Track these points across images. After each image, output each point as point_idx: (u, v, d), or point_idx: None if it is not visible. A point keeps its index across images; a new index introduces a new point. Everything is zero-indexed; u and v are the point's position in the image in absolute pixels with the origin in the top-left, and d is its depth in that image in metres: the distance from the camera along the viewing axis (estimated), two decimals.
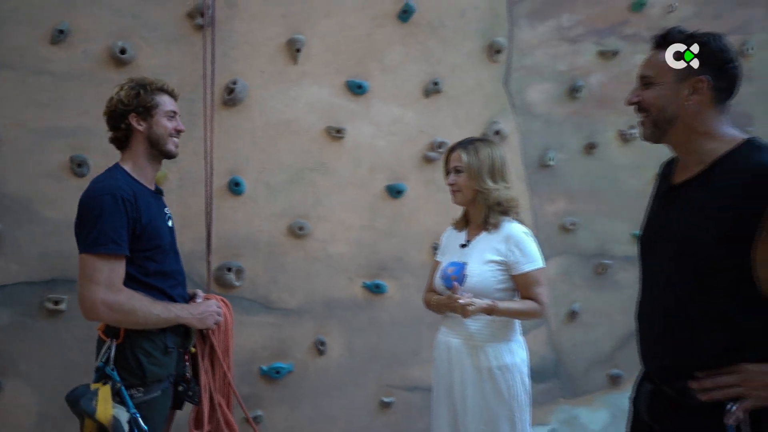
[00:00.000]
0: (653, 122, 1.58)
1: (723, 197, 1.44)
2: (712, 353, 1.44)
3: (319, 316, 3.07)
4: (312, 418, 3.04)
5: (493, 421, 2.17)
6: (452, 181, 2.30)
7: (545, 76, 3.39)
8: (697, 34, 1.55)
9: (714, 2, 3.65)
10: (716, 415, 1.40)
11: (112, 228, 1.94)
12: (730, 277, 1.42)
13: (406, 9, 3.11)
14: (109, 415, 1.91)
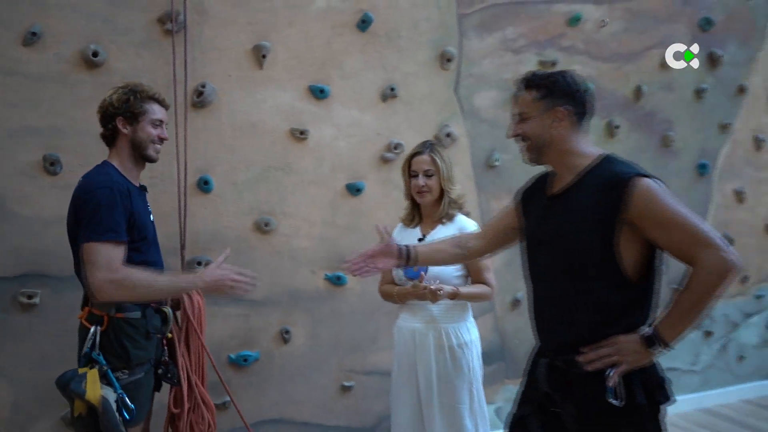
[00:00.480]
0: (533, 148, 1.90)
1: (590, 201, 1.78)
2: (590, 330, 1.77)
3: (284, 306, 3.25)
4: (278, 402, 3.23)
5: (455, 394, 2.44)
6: (423, 183, 2.52)
7: (491, 83, 3.67)
8: (551, 75, 1.88)
9: (640, 19, 4.02)
10: (599, 381, 1.72)
11: (111, 218, 2.09)
12: (599, 266, 1.75)
13: (364, 19, 3.32)
14: (98, 396, 2.07)
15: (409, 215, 2.66)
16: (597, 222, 1.73)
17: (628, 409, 1.71)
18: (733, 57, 4.29)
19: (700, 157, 4.25)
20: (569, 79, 1.87)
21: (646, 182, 1.71)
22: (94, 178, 2.21)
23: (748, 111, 4.38)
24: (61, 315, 2.87)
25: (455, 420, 2.44)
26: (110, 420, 2.07)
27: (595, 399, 1.73)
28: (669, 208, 1.69)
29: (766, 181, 4.47)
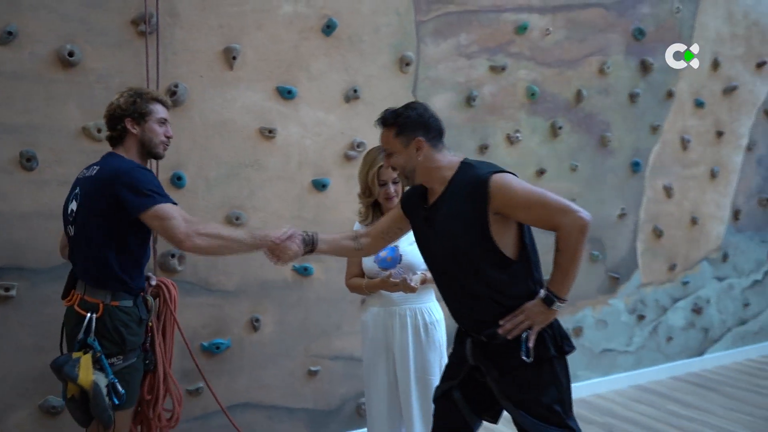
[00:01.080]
0: (405, 176, 2.20)
1: (460, 203, 2.07)
2: (492, 307, 2.08)
3: (253, 296, 3.41)
4: (249, 387, 3.39)
5: (427, 368, 2.69)
6: (393, 191, 2.73)
7: (446, 86, 3.92)
8: (401, 112, 2.17)
9: (580, 28, 4.36)
10: (515, 345, 2.04)
11: (156, 185, 2.27)
12: (483, 254, 2.05)
13: (329, 24, 3.52)
14: (89, 381, 2.20)
15: (369, 214, 2.83)
16: (471, 219, 2.03)
17: (542, 361, 2.05)
18: (663, 65, 4.69)
19: (633, 156, 4.63)
20: (418, 111, 2.16)
21: (500, 177, 2.03)
22: (121, 163, 2.33)
23: (675, 114, 4.79)
24: (37, 307, 2.96)
25: (427, 391, 2.69)
26: (99, 404, 2.20)
27: (514, 359, 2.05)
28: (525, 191, 2.03)
29: (691, 178, 4.91)
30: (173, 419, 2.58)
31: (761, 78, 5.19)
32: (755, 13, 5.15)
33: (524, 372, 2.05)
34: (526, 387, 2.06)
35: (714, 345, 5.06)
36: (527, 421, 2.06)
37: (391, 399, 2.78)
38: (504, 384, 2.09)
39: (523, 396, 2.06)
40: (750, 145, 5.17)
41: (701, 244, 4.97)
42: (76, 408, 2.27)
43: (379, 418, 2.80)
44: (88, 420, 2.29)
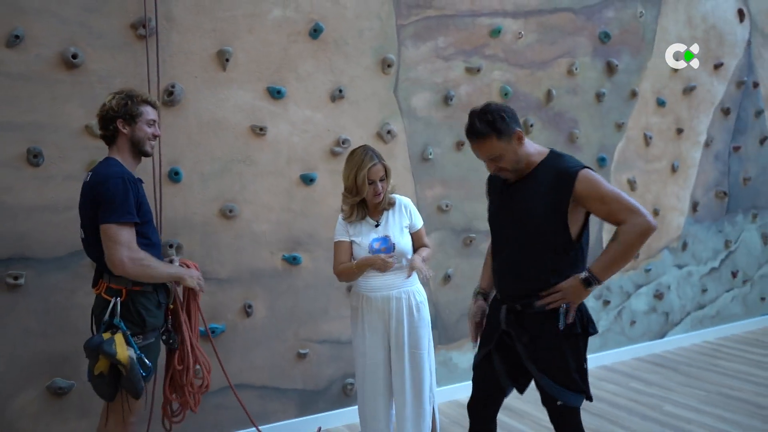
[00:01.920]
0: (514, 171, 2.39)
1: (544, 187, 2.34)
2: (539, 278, 2.36)
3: (246, 284, 3.63)
4: (242, 369, 3.61)
5: (418, 342, 2.97)
6: (380, 188, 2.96)
7: (425, 86, 4.17)
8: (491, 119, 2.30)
9: (550, 32, 4.64)
10: (546, 316, 2.33)
11: (127, 203, 2.44)
12: (554, 232, 2.33)
13: (316, 28, 3.74)
14: (126, 356, 2.41)
15: (353, 211, 3.02)
16: (553, 202, 2.30)
17: (569, 334, 2.33)
18: (627, 66, 5.01)
19: (599, 151, 4.94)
20: (500, 108, 2.33)
21: (587, 172, 2.30)
22: (107, 170, 2.51)
23: (638, 112, 5.11)
24: (44, 294, 3.15)
25: (417, 362, 2.97)
26: (134, 376, 2.43)
27: (544, 328, 2.34)
28: (605, 187, 2.28)
29: (653, 172, 5.24)
30: (203, 386, 2.82)
31: (718, 78, 5.54)
32: (713, 18, 5.49)
33: (553, 341, 2.33)
34: (552, 355, 2.34)
35: (674, 328, 5.41)
36: (549, 385, 2.35)
37: (386, 375, 3.03)
38: (533, 349, 2.37)
39: (548, 362, 2.35)
40: (708, 142, 5.52)
41: (662, 234, 5.31)
42: (104, 383, 2.47)
43: (374, 394, 3.02)
44: (114, 394, 2.50)
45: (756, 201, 5.89)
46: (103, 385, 2.46)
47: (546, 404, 2.42)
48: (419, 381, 2.97)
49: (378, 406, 3.02)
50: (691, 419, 3.87)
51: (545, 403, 2.41)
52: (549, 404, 2.40)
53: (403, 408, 2.99)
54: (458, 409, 4.11)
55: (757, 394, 4.26)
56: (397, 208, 3.04)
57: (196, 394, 2.83)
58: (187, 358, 2.73)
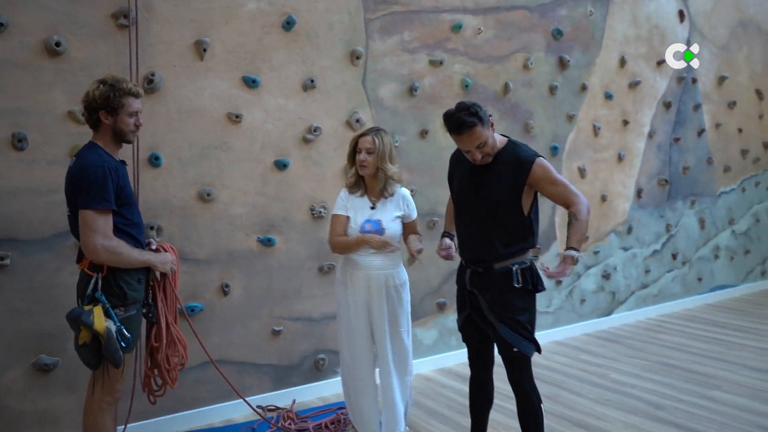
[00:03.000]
0: (491, 155, 2.76)
1: (506, 171, 2.75)
2: (497, 244, 2.74)
3: (223, 264, 3.80)
4: (219, 346, 3.78)
5: (396, 320, 3.19)
6: (363, 159, 3.13)
7: (392, 78, 4.40)
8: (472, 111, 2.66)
9: (507, 28, 4.93)
10: (503, 276, 2.74)
11: (104, 190, 2.56)
12: (510, 209, 2.74)
13: (288, 21, 3.92)
14: (103, 326, 2.56)
15: (354, 183, 3.23)
16: (511, 184, 2.73)
17: (522, 291, 2.74)
18: (578, 61, 5.36)
19: (552, 141, 5.27)
20: (473, 104, 2.69)
21: (541, 161, 2.74)
22: (88, 158, 2.62)
23: (588, 104, 5.47)
24: (29, 274, 3.26)
25: (398, 340, 3.20)
26: (112, 346, 2.57)
27: (501, 286, 2.75)
28: (555, 174, 2.74)
29: (601, 161, 5.61)
30: (180, 363, 2.96)
31: (660, 74, 5.96)
32: (656, 17, 5.90)
33: (509, 296, 2.75)
34: (509, 307, 2.74)
35: (620, 306, 5.83)
36: (507, 333, 2.73)
37: (369, 346, 3.25)
38: (494, 304, 2.76)
39: (506, 313, 2.74)
40: (651, 133, 5.94)
41: (610, 219, 5.70)
42: (88, 352, 2.61)
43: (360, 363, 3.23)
44: (98, 363, 2.65)
45: (694, 188, 6.35)
46: (87, 354, 2.60)
47: (503, 354, 2.79)
48: (401, 355, 3.21)
49: (364, 374, 3.23)
50: (634, 385, 4.24)
51: (502, 352, 2.79)
52: (506, 353, 2.77)
53: (388, 379, 3.20)
54: (424, 382, 4.39)
55: (692, 362, 4.68)
56: (395, 198, 3.21)
57: (172, 370, 2.96)
58: (162, 336, 2.88)
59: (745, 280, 6.92)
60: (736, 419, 3.63)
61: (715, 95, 6.46)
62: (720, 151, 6.57)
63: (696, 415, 3.71)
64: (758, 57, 6.84)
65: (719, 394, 4.03)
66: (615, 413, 3.77)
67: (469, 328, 2.95)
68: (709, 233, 6.52)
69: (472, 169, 2.83)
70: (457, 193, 2.95)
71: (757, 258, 7.05)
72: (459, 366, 4.66)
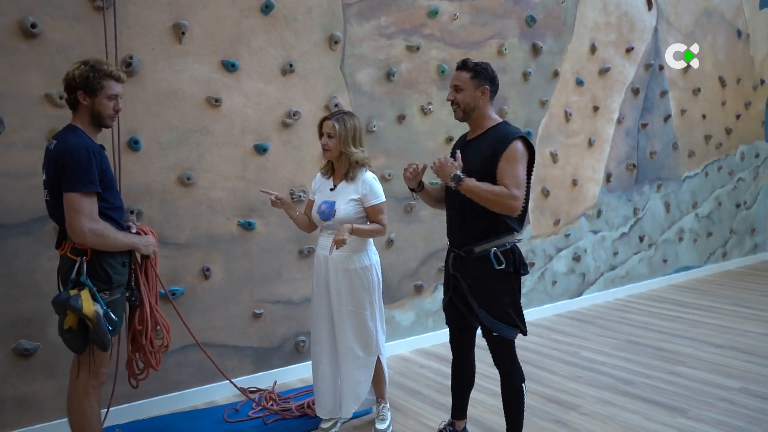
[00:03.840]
0: (463, 111, 2.81)
1: (487, 146, 2.76)
2: (483, 228, 2.75)
3: (204, 248, 3.82)
4: (201, 329, 3.80)
5: (359, 303, 3.23)
6: (325, 142, 3.20)
7: (369, 62, 4.43)
8: (479, 64, 2.79)
9: (482, 14, 5.00)
10: (484, 260, 2.74)
11: (89, 172, 2.55)
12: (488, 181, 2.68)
13: (267, 4, 3.91)
14: (92, 310, 2.57)
15: (327, 168, 3.33)
16: (490, 158, 2.71)
17: (504, 274, 2.75)
18: (550, 48, 5.46)
19: (526, 126, 5.38)
20: (490, 69, 2.82)
21: (518, 142, 2.70)
22: (71, 140, 2.60)
23: (560, 90, 5.59)
24: (7, 259, 3.23)
25: (360, 322, 3.24)
26: (101, 329, 2.58)
27: (482, 270, 2.76)
28: (518, 161, 2.68)
29: (572, 146, 5.75)
30: (163, 345, 2.98)
31: (629, 61, 6.11)
32: (625, 5, 6.03)
33: (490, 280, 2.75)
34: (489, 292, 2.76)
35: (590, 287, 6.01)
36: (486, 318, 2.76)
37: (329, 327, 3.31)
38: (474, 288, 2.78)
39: (486, 298, 2.76)
40: (620, 119, 6.10)
41: (580, 202, 5.85)
42: (74, 337, 2.62)
43: (320, 342, 3.33)
44: (83, 347, 2.65)
45: (660, 173, 6.55)
46: (73, 338, 2.61)
47: (486, 336, 2.85)
48: (362, 336, 3.25)
49: (322, 352, 3.31)
50: (604, 362, 4.40)
51: (485, 335, 2.85)
52: (487, 336, 2.83)
53: (345, 359, 3.27)
54: (402, 362, 4.48)
55: (659, 340, 4.87)
56: (356, 182, 3.23)
57: (156, 353, 2.98)
58: (145, 319, 2.90)
59: (707, 262, 7.19)
60: (700, 393, 3.81)
61: (681, 82, 6.65)
62: (685, 137, 6.78)
63: (663, 389, 3.88)
64: (722, 45, 7.05)
65: (684, 369, 4.22)
66: (587, 389, 3.92)
67: (451, 311, 2.99)
68: (674, 216, 6.75)
69: (462, 147, 2.88)
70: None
71: (718, 240, 7.32)
72: (436, 347, 4.77)
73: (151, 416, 3.63)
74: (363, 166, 3.28)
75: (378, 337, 3.35)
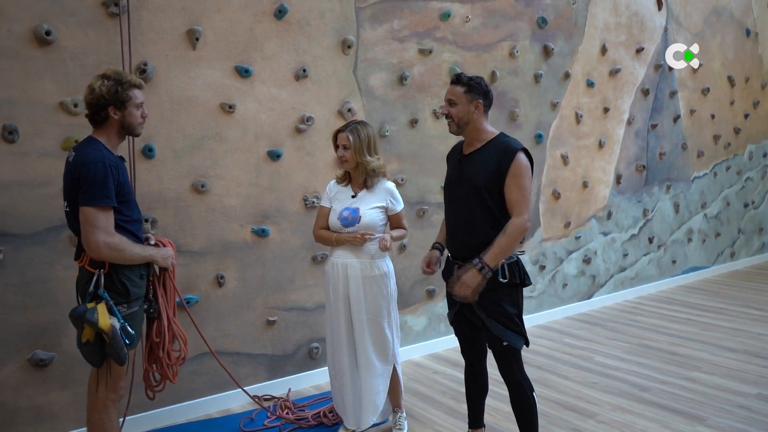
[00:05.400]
0: (457, 125, 2.82)
1: (490, 160, 2.77)
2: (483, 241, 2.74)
3: (218, 255, 3.79)
4: (215, 337, 3.78)
5: (377, 311, 3.21)
6: (341, 154, 3.19)
7: (382, 66, 4.40)
8: (473, 78, 2.80)
9: (493, 17, 4.96)
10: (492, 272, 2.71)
11: (105, 186, 2.53)
12: (494, 198, 2.74)
13: (280, 9, 3.88)
14: (108, 324, 2.54)
15: (343, 177, 3.32)
16: (495, 172, 2.73)
17: (509, 286, 2.76)
18: (561, 49, 5.42)
19: (537, 129, 5.35)
20: (484, 83, 2.82)
21: (522, 156, 2.73)
22: (89, 153, 2.58)
23: (571, 92, 5.56)
24: (22, 269, 3.20)
25: (378, 329, 3.23)
26: (117, 343, 2.55)
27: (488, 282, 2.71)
28: (523, 177, 2.71)
29: (583, 148, 5.72)
30: (180, 358, 2.95)
31: (639, 62, 6.07)
32: (635, 5, 5.99)
33: (496, 292, 2.75)
34: (496, 302, 2.76)
35: (600, 289, 5.99)
36: (495, 327, 2.75)
37: (349, 336, 3.29)
38: (482, 298, 2.76)
39: (494, 308, 2.76)
40: (630, 120, 6.07)
41: (590, 204, 5.83)
42: (91, 351, 2.59)
43: (339, 351, 3.30)
44: (102, 360, 2.63)
45: (670, 174, 6.53)
46: (91, 352, 2.59)
47: (493, 347, 2.84)
48: (380, 344, 3.24)
49: (343, 362, 3.28)
50: (618, 367, 4.39)
51: (492, 346, 2.85)
52: (496, 347, 2.82)
53: (365, 368, 3.26)
54: (415, 368, 4.46)
55: (671, 343, 4.85)
56: (377, 189, 3.25)
57: (173, 365, 2.95)
58: (163, 331, 2.87)
59: (715, 262, 7.18)
60: (717, 399, 3.80)
61: (690, 82, 6.62)
62: (694, 137, 6.75)
63: (679, 396, 3.87)
64: (730, 44, 7.02)
65: (699, 374, 4.20)
66: (602, 396, 3.90)
67: (460, 322, 2.97)
68: (683, 217, 6.73)
69: (461, 159, 2.89)
70: (446, 184, 2.98)
71: (726, 240, 7.30)
72: (448, 351, 4.75)
73: (167, 425, 3.61)
74: (381, 175, 3.28)
75: (394, 346, 3.34)
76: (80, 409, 3.36)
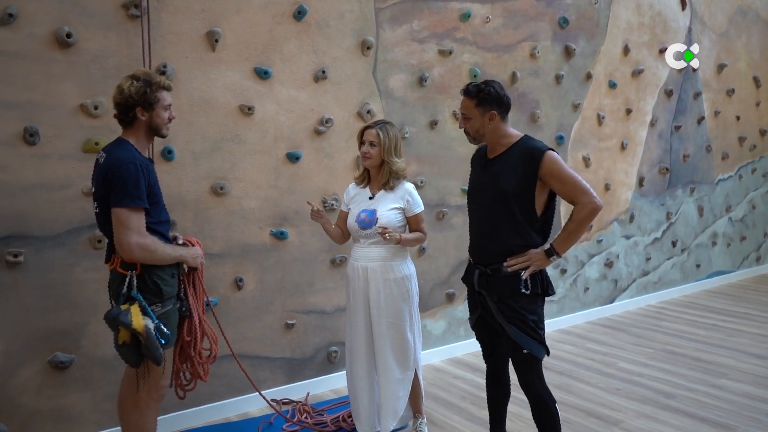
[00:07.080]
0: (473, 137, 2.78)
1: (516, 164, 2.69)
2: (510, 246, 2.69)
3: (237, 258, 3.77)
4: (233, 340, 3.74)
5: (398, 314, 3.15)
6: (366, 150, 3.16)
7: (402, 68, 4.36)
8: (483, 87, 2.70)
9: (514, 17, 4.90)
10: (513, 279, 2.67)
11: (137, 188, 2.53)
12: (521, 204, 2.66)
13: (300, 10, 3.85)
14: (142, 325, 2.53)
15: (362, 177, 3.29)
16: (522, 176, 2.65)
17: (531, 295, 2.68)
18: (583, 50, 5.34)
19: (558, 130, 5.27)
20: (495, 89, 2.70)
21: (552, 154, 2.64)
22: (120, 154, 2.58)
23: (593, 93, 5.47)
24: (43, 271, 3.20)
25: (399, 334, 3.17)
26: (152, 344, 2.54)
27: (510, 290, 2.69)
28: (565, 170, 2.65)
29: (605, 149, 5.63)
30: (212, 356, 2.94)
31: (662, 62, 5.97)
32: (658, 5, 5.89)
33: (518, 300, 2.68)
34: (518, 310, 2.68)
35: (622, 294, 5.88)
36: (516, 334, 2.68)
37: (368, 339, 3.24)
38: (502, 306, 2.70)
39: (515, 316, 2.68)
40: (653, 121, 5.96)
41: (613, 207, 5.73)
42: (129, 351, 2.59)
43: (358, 356, 3.25)
44: (140, 361, 2.62)
45: (694, 176, 6.41)
46: (128, 353, 2.58)
47: (513, 356, 2.77)
48: (401, 349, 3.18)
49: (360, 366, 3.22)
50: (642, 373, 4.30)
51: (512, 355, 2.77)
52: (516, 354, 2.74)
53: (384, 372, 3.20)
54: (435, 373, 4.41)
55: (696, 349, 4.75)
56: (396, 191, 3.20)
57: (204, 364, 2.95)
58: (194, 330, 2.86)
59: (740, 266, 7.03)
60: (746, 408, 3.70)
61: (715, 83, 6.50)
62: (718, 139, 6.62)
63: (706, 404, 3.77)
64: (756, 44, 6.88)
65: (726, 382, 4.10)
66: (627, 403, 3.82)
67: (481, 327, 2.92)
68: (707, 220, 6.60)
69: (485, 164, 2.81)
70: (470, 189, 2.91)
71: (752, 244, 7.15)
72: (468, 356, 4.69)
73: (185, 429, 3.60)
74: (402, 177, 3.24)
75: (416, 350, 3.28)
76: (100, 411, 3.36)
